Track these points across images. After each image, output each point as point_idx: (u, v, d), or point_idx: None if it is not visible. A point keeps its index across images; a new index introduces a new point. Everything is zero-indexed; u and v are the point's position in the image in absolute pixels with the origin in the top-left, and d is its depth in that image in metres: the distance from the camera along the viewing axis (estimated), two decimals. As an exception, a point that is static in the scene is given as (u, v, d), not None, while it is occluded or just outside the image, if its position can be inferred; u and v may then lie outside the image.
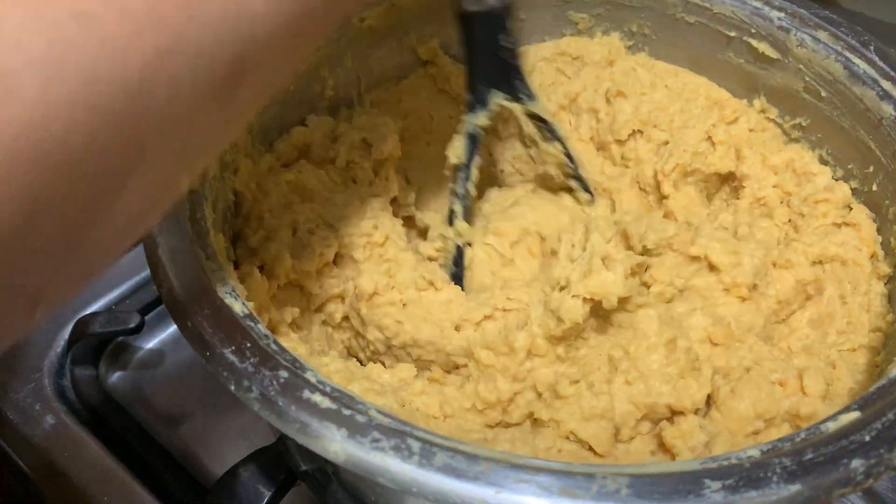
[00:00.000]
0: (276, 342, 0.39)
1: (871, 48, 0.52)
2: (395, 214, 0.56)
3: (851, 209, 0.53)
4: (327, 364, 0.47)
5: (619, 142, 0.59)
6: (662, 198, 0.57)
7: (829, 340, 0.49)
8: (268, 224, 0.51)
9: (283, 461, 0.47)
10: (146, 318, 0.63)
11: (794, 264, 0.50)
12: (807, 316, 0.49)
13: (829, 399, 0.43)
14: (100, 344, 0.65)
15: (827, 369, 0.45)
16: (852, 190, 0.54)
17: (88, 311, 0.65)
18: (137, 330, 0.62)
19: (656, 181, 0.57)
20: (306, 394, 0.36)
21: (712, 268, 0.50)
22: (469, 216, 0.58)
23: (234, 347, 0.38)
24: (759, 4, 0.58)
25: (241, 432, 0.60)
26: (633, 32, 0.64)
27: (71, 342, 0.63)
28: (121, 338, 0.66)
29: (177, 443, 0.62)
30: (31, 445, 0.58)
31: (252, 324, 0.39)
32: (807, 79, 0.55)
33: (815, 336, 0.49)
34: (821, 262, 0.51)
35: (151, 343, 0.67)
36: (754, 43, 0.58)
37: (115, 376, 0.65)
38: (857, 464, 0.31)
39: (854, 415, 0.34)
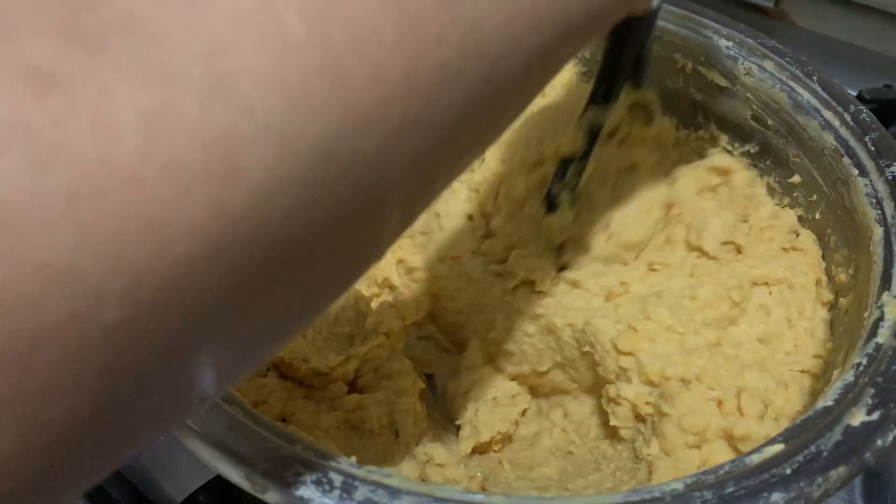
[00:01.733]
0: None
1: (815, 78, 0.53)
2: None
3: (798, 235, 0.53)
4: (266, 385, 0.47)
5: None
6: None
7: (777, 358, 0.49)
8: None
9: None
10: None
11: (721, 280, 0.50)
12: (755, 332, 0.49)
13: (776, 421, 0.43)
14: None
15: (779, 389, 0.45)
16: (798, 218, 0.54)
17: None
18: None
19: None
20: (230, 425, 0.35)
21: None
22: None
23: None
24: (708, 33, 0.58)
25: (202, 457, 0.59)
26: (586, 59, 0.65)
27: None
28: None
29: (136, 468, 0.60)
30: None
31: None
32: (754, 107, 0.56)
33: (765, 352, 0.49)
34: (767, 284, 0.51)
35: (107, 368, 0.66)
36: (703, 70, 0.58)
37: (69, 402, 0.64)
38: (777, 497, 0.31)
39: (778, 447, 0.33)
